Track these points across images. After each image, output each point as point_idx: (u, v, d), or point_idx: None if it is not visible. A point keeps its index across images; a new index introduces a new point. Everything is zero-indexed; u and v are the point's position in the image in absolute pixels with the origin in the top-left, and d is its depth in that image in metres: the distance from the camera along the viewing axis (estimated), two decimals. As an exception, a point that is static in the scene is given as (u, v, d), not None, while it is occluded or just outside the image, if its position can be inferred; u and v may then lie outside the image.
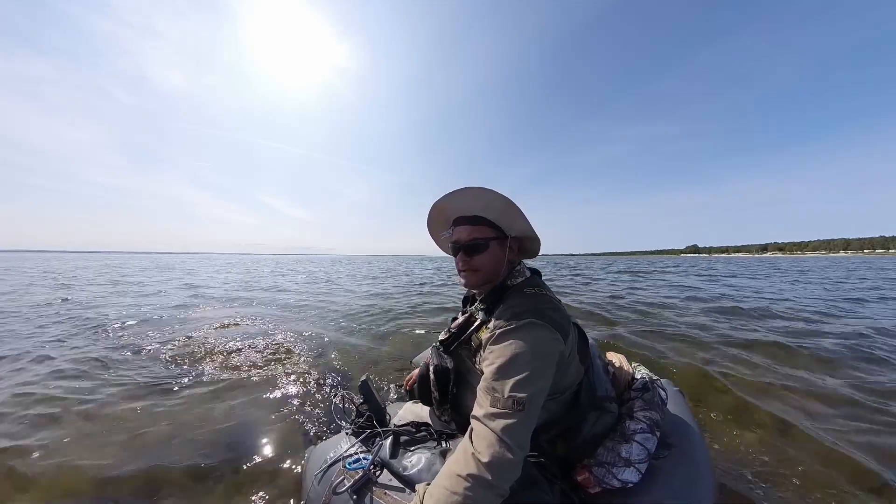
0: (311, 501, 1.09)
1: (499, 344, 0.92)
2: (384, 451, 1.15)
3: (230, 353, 3.47)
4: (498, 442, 0.79)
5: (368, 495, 1.00)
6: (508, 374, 0.85)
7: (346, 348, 3.75)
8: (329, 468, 1.12)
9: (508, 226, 1.08)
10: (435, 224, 1.22)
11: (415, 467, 1.07)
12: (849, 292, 8.57)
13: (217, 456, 1.76)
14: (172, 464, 1.68)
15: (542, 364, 0.89)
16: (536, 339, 0.90)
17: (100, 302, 6.85)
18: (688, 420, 1.34)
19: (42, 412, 2.18)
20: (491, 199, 1.03)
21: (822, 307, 6.24)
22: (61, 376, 2.80)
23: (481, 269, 1.09)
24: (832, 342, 3.76)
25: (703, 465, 1.14)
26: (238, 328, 4.65)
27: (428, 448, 1.15)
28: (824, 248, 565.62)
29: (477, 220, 1.08)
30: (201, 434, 1.95)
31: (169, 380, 2.73)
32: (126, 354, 3.40)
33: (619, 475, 1.00)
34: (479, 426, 0.84)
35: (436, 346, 1.21)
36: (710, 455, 1.23)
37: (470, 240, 1.08)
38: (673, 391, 1.53)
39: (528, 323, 0.91)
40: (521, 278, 1.11)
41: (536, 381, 0.86)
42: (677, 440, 1.19)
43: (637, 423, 1.11)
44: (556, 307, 1.00)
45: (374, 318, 5.41)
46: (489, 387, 0.87)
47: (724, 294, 8.13)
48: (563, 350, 0.95)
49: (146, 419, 2.11)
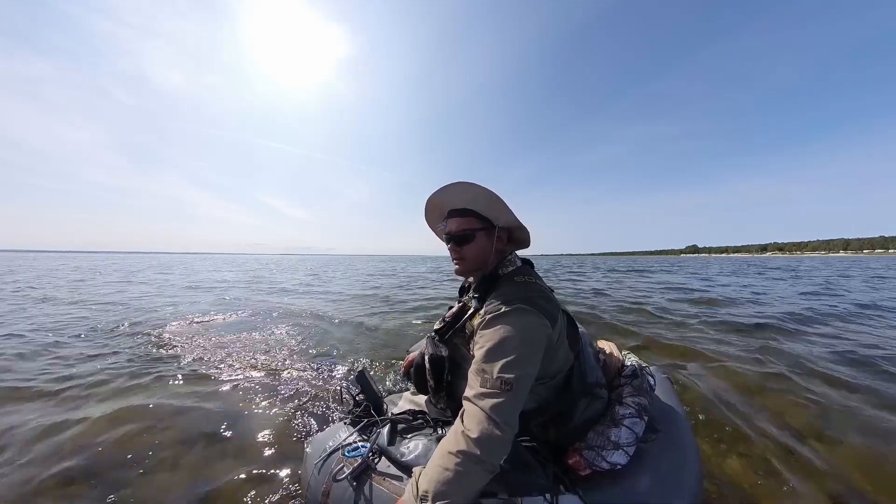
0: (312, 489, 1.12)
1: (489, 328, 0.96)
2: (382, 439, 1.19)
3: (229, 346, 3.48)
4: (487, 419, 0.83)
5: (368, 481, 1.04)
6: (497, 357, 0.90)
7: (343, 341, 3.78)
8: (329, 457, 1.15)
9: (495, 217, 1.14)
10: (431, 217, 1.29)
11: (412, 453, 1.11)
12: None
13: (217, 447, 1.79)
14: (171, 456, 1.71)
15: (530, 347, 0.93)
16: (525, 323, 0.94)
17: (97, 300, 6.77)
18: (675, 406, 1.39)
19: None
20: (477, 193, 1.09)
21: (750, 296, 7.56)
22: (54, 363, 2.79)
23: (470, 258, 1.15)
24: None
25: (690, 449, 1.19)
26: (236, 322, 4.66)
27: (425, 435, 1.18)
28: (824, 249, 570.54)
29: (466, 213, 1.15)
30: (201, 425, 1.97)
31: (167, 371, 2.74)
32: (123, 348, 3.39)
33: (609, 458, 1.04)
34: (469, 406, 0.88)
35: (431, 335, 1.25)
36: (696, 438, 1.28)
37: (459, 230, 1.14)
38: (661, 378, 1.59)
39: (517, 308, 0.95)
40: (512, 268, 1.15)
41: (524, 364, 0.90)
42: (664, 425, 1.25)
43: (626, 408, 1.15)
44: (544, 294, 1.05)
45: (372, 313, 5.44)
46: (479, 369, 0.92)
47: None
48: (551, 335, 0.99)
49: (144, 412, 2.12)
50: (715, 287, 9.56)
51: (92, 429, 1.93)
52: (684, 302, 6.75)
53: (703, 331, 4.31)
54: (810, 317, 5.12)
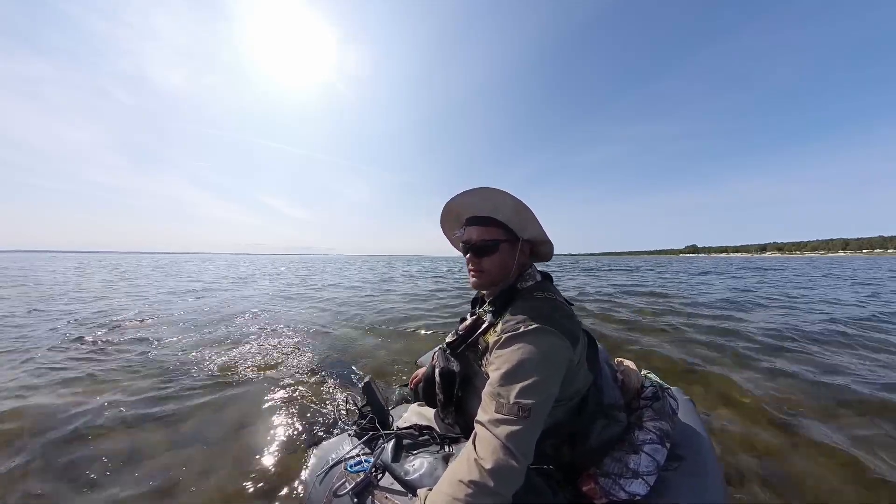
0: (312, 502, 1.08)
1: (506, 348, 0.90)
2: (386, 454, 1.14)
3: (232, 353, 3.48)
4: (502, 448, 0.77)
5: (369, 499, 0.99)
6: (515, 380, 0.83)
7: (349, 348, 3.75)
8: (330, 469, 1.11)
9: (521, 228, 1.07)
10: (447, 223, 1.22)
11: (417, 472, 1.05)
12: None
13: (218, 455, 1.78)
14: (170, 462, 1.70)
15: (550, 371, 0.86)
16: (545, 345, 0.87)
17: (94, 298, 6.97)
18: (699, 430, 1.30)
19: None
20: (502, 201, 1.02)
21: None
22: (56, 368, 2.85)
23: (490, 271, 1.08)
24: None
25: (714, 478, 1.10)
26: (241, 327, 4.68)
27: (430, 452, 1.13)
28: (823, 248, 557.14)
29: (488, 222, 1.08)
30: (203, 433, 1.97)
31: (169, 378, 2.77)
32: (121, 354, 3.46)
33: (627, 487, 0.97)
34: (483, 431, 0.82)
35: (442, 348, 1.19)
36: (722, 466, 1.19)
37: (479, 241, 1.07)
38: (683, 400, 1.49)
39: (538, 328, 0.89)
40: (532, 282, 1.08)
41: (543, 389, 0.83)
42: (688, 451, 1.15)
43: (646, 434, 1.07)
44: (566, 313, 0.98)
45: (378, 318, 5.42)
46: (495, 392, 0.85)
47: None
48: (572, 357, 0.92)
49: (145, 420, 2.13)
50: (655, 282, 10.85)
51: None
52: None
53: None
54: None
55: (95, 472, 1.61)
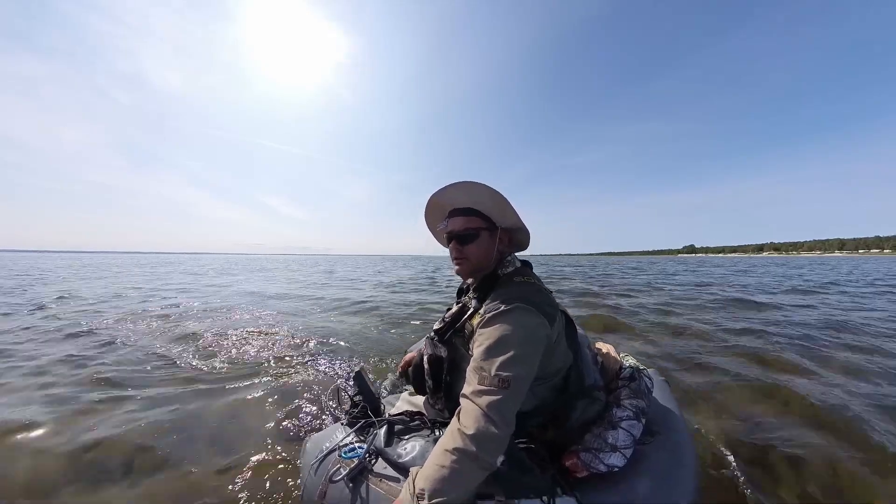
0: (308, 490, 1.11)
1: (488, 327, 0.97)
2: (379, 440, 1.18)
3: (226, 347, 3.47)
4: (483, 416, 0.83)
5: (364, 483, 1.03)
6: (496, 354, 0.90)
7: (340, 340, 3.77)
8: (325, 458, 1.14)
9: (500, 217, 1.14)
10: (431, 216, 1.29)
11: (409, 454, 1.10)
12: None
13: (214, 447, 1.78)
14: (164, 455, 1.70)
15: (529, 346, 0.94)
16: (523, 322, 0.95)
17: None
18: (672, 408, 1.40)
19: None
20: (482, 192, 1.09)
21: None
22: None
23: (472, 258, 1.15)
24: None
25: (687, 450, 1.19)
26: (232, 322, 4.64)
27: (422, 436, 1.18)
28: (820, 248, 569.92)
29: (469, 212, 1.15)
30: (198, 426, 1.96)
31: (160, 369, 2.73)
32: (119, 352, 3.37)
33: (606, 460, 1.04)
34: (466, 403, 0.89)
35: (430, 335, 1.25)
36: (692, 439, 1.29)
37: (462, 229, 1.14)
38: (659, 380, 1.59)
39: (516, 307, 0.96)
40: (512, 268, 1.16)
41: (522, 362, 0.90)
42: (662, 427, 1.25)
43: (623, 411, 1.15)
44: (543, 294, 1.06)
45: (368, 312, 5.43)
46: (478, 366, 0.92)
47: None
48: (550, 334, 1.00)
49: (144, 412, 2.11)
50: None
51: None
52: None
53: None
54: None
55: (87, 466, 1.60)
